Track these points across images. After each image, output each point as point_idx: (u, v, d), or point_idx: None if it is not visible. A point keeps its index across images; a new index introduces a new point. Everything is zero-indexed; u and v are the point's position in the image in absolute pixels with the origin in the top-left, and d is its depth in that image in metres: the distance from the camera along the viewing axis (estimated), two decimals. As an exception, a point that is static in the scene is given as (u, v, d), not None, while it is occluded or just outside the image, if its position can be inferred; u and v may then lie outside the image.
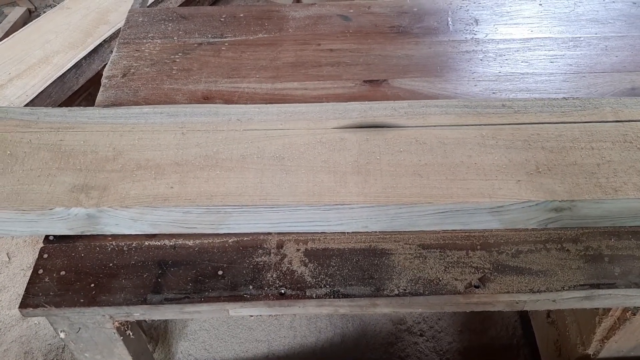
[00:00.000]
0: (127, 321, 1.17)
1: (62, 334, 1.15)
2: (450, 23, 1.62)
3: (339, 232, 1.15)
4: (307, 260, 1.11)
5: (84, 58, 2.14)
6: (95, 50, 2.18)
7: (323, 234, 1.15)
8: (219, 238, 1.15)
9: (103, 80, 1.48)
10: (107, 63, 1.53)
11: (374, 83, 1.45)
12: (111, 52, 1.65)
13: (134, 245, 1.14)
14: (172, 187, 1.11)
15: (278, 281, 1.08)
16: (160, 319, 1.88)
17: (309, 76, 1.47)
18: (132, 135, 1.21)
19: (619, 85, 1.40)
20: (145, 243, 1.14)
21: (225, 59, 1.53)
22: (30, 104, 1.93)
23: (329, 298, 1.06)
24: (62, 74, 2.06)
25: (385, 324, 1.87)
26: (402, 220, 1.11)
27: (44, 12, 2.81)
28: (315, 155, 1.16)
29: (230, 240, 1.14)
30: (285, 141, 1.18)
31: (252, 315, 1.29)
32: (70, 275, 1.10)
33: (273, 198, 1.09)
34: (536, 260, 1.10)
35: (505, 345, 1.82)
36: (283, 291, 1.07)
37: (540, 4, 1.68)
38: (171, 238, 1.15)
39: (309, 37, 1.60)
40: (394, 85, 1.44)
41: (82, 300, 1.06)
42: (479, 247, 1.12)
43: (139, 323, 1.45)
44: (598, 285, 1.06)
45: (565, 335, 1.46)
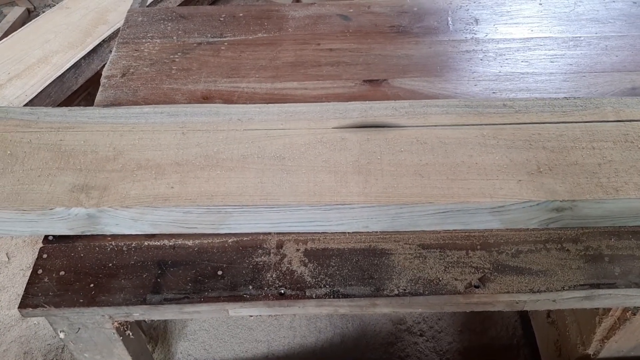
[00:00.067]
0: (127, 321, 1.17)
1: (62, 334, 1.15)
2: (450, 23, 1.62)
3: (339, 232, 1.14)
4: (307, 260, 1.11)
5: (83, 58, 2.14)
6: (94, 50, 2.18)
7: (323, 234, 1.15)
8: (218, 238, 1.15)
9: (102, 80, 1.47)
10: (107, 63, 1.53)
11: (374, 83, 1.44)
12: (110, 52, 1.64)
13: (133, 245, 1.14)
14: (173, 187, 1.11)
15: (278, 281, 1.08)
16: (160, 319, 1.87)
17: (308, 76, 1.47)
18: (133, 135, 1.21)
19: (619, 85, 1.40)
20: (145, 243, 1.14)
21: (225, 59, 1.53)
22: (30, 104, 1.93)
23: (329, 298, 1.06)
24: (62, 74, 2.06)
25: (385, 324, 1.87)
26: (403, 220, 1.11)
27: (43, 12, 2.80)
28: (316, 155, 1.16)
29: (229, 240, 1.14)
30: (285, 141, 1.18)
31: (252, 316, 1.29)
32: (69, 275, 1.09)
33: (274, 198, 1.09)
34: (536, 260, 1.09)
35: (506, 345, 1.81)
36: (283, 291, 1.06)
37: (540, 4, 1.68)
38: (170, 238, 1.15)
39: (309, 37, 1.60)
40: (394, 85, 1.44)
41: (82, 300, 1.06)
42: (478, 247, 1.12)
43: (139, 323, 1.45)
44: (598, 285, 1.06)
45: (566, 335, 1.46)
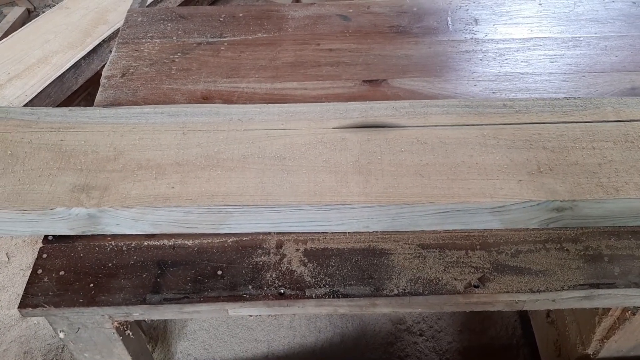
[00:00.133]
0: (127, 321, 1.17)
1: (62, 334, 1.15)
2: (449, 23, 1.62)
3: (339, 232, 1.14)
4: (307, 260, 1.11)
5: (83, 58, 2.14)
6: (94, 50, 2.18)
7: (322, 233, 1.14)
8: (218, 238, 1.15)
9: (102, 80, 1.47)
10: (106, 63, 1.53)
11: (374, 83, 1.44)
12: (110, 52, 1.64)
13: (133, 245, 1.14)
14: (173, 187, 1.11)
15: (277, 281, 1.08)
16: (160, 319, 1.87)
17: (308, 76, 1.47)
18: (133, 135, 1.21)
19: (618, 85, 1.40)
20: (145, 243, 1.14)
21: (225, 59, 1.52)
22: (29, 104, 1.93)
23: (329, 298, 1.06)
24: (61, 74, 2.06)
25: (385, 324, 1.87)
26: (404, 220, 1.11)
27: (43, 12, 2.80)
28: (316, 155, 1.16)
29: (229, 240, 1.14)
30: (286, 141, 1.18)
31: (252, 315, 1.29)
32: (69, 275, 1.09)
33: (274, 198, 1.09)
34: (536, 260, 1.09)
35: (505, 345, 1.82)
36: (282, 291, 1.06)
37: (539, 4, 1.68)
38: (170, 238, 1.15)
39: (308, 37, 1.60)
40: (394, 85, 1.44)
41: (82, 300, 1.06)
42: (478, 247, 1.12)
43: (138, 323, 1.45)
44: (598, 285, 1.06)
45: (565, 335, 1.46)
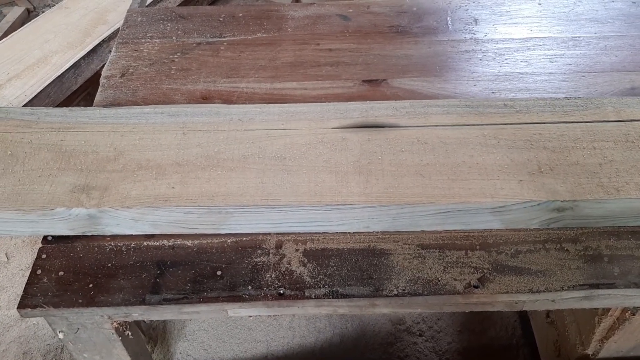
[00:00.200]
0: (126, 321, 1.17)
1: (61, 335, 1.15)
2: (449, 22, 1.62)
3: (338, 233, 1.14)
4: (306, 261, 1.11)
5: (83, 58, 2.14)
6: (93, 50, 2.18)
7: (322, 234, 1.14)
8: (217, 238, 1.15)
9: (101, 80, 1.47)
10: (106, 63, 1.53)
11: (373, 83, 1.44)
12: (110, 52, 1.64)
13: (132, 245, 1.14)
14: (174, 188, 1.10)
15: (277, 281, 1.08)
16: (159, 320, 1.87)
17: (308, 76, 1.47)
18: (133, 135, 1.20)
19: (618, 85, 1.40)
20: (144, 243, 1.14)
21: (224, 59, 1.52)
22: (29, 104, 1.93)
23: (328, 298, 1.06)
24: (61, 74, 2.06)
25: (385, 324, 1.87)
26: (404, 220, 1.10)
27: (43, 12, 2.79)
28: (316, 155, 1.15)
29: (229, 241, 1.14)
30: (286, 141, 1.18)
31: (251, 316, 1.29)
32: (68, 275, 1.09)
33: (274, 198, 1.08)
34: (535, 260, 1.09)
35: (505, 345, 1.82)
36: (282, 291, 1.06)
37: (539, 4, 1.68)
38: (170, 238, 1.15)
39: (308, 37, 1.60)
40: (393, 85, 1.43)
41: (81, 300, 1.06)
42: (478, 247, 1.12)
43: (138, 323, 1.44)
44: (597, 285, 1.06)
45: (565, 335, 1.46)
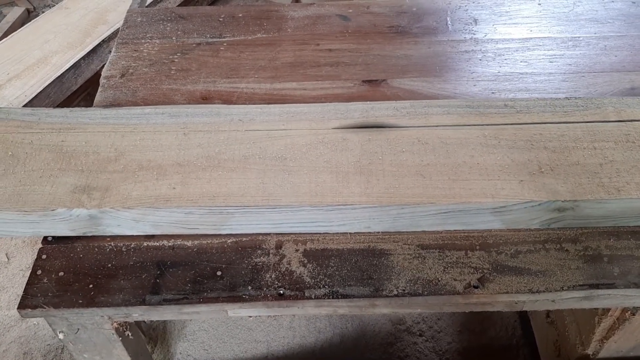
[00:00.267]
0: (126, 322, 1.17)
1: (61, 335, 1.15)
2: (449, 23, 1.62)
3: (338, 233, 1.14)
4: (306, 261, 1.11)
5: (83, 58, 2.14)
6: (93, 51, 2.18)
7: (322, 234, 1.14)
8: (217, 239, 1.15)
9: (101, 80, 1.47)
10: (106, 63, 1.53)
11: (373, 83, 1.44)
12: (110, 52, 1.64)
13: (132, 246, 1.14)
14: (174, 188, 1.10)
15: (277, 282, 1.08)
16: (159, 320, 1.87)
17: (307, 76, 1.47)
18: (134, 135, 1.20)
19: (618, 85, 1.40)
20: (144, 244, 1.14)
21: (224, 59, 1.52)
22: (29, 105, 1.93)
23: (328, 298, 1.06)
24: (61, 74, 2.06)
25: (385, 324, 1.87)
26: (405, 220, 1.10)
27: (43, 12, 2.79)
28: (317, 155, 1.15)
29: (229, 241, 1.14)
30: (287, 141, 1.18)
31: (251, 316, 1.28)
32: (68, 276, 1.09)
33: (275, 199, 1.08)
34: (535, 261, 1.09)
35: (505, 345, 1.82)
36: (282, 292, 1.06)
37: (539, 4, 1.68)
38: (170, 239, 1.15)
39: (308, 37, 1.60)
40: (393, 85, 1.43)
41: (81, 301, 1.06)
42: (478, 248, 1.12)
43: (138, 324, 1.44)
44: (597, 286, 1.06)
45: (565, 336, 1.46)
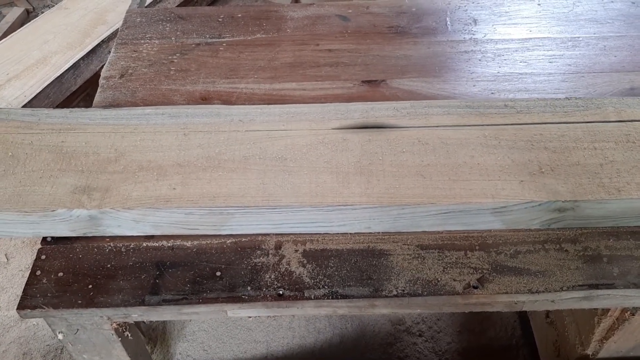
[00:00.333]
0: (125, 322, 1.17)
1: (60, 335, 1.15)
2: (448, 23, 1.62)
3: (338, 233, 1.14)
4: (306, 261, 1.11)
5: (82, 58, 2.14)
6: (93, 51, 2.18)
7: (321, 234, 1.14)
8: (217, 239, 1.15)
9: (101, 80, 1.47)
10: (105, 64, 1.53)
11: (373, 83, 1.44)
12: (109, 53, 1.64)
13: (132, 246, 1.14)
14: (175, 189, 1.10)
15: (276, 282, 1.08)
16: (159, 320, 1.87)
17: (307, 76, 1.47)
18: (134, 136, 1.20)
19: (617, 85, 1.40)
20: (143, 244, 1.14)
21: (223, 60, 1.52)
22: (28, 105, 1.93)
23: (328, 299, 1.06)
24: (60, 75, 2.06)
25: (384, 325, 1.87)
26: (405, 221, 1.10)
27: (42, 13, 2.79)
28: (317, 155, 1.15)
29: (228, 241, 1.14)
30: (287, 142, 1.18)
31: (251, 316, 1.29)
32: (68, 276, 1.09)
33: (275, 199, 1.08)
34: (535, 261, 1.10)
35: (504, 345, 1.82)
36: (281, 292, 1.06)
37: (538, 4, 1.68)
38: (169, 239, 1.15)
39: (307, 38, 1.60)
40: (393, 85, 1.43)
41: (80, 301, 1.06)
42: (477, 248, 1.12)
43: (137, 324, 1.44)
44: (597, 286, 1.06)
45: (564, 336, 1.46)
